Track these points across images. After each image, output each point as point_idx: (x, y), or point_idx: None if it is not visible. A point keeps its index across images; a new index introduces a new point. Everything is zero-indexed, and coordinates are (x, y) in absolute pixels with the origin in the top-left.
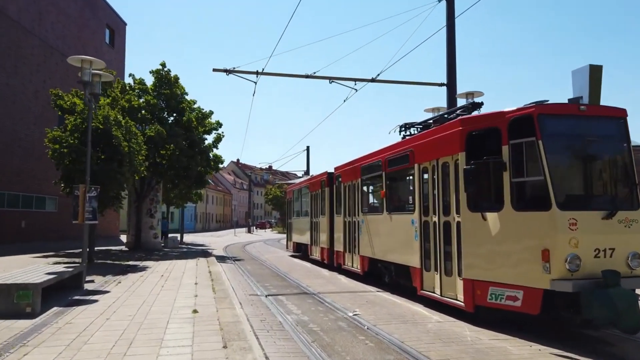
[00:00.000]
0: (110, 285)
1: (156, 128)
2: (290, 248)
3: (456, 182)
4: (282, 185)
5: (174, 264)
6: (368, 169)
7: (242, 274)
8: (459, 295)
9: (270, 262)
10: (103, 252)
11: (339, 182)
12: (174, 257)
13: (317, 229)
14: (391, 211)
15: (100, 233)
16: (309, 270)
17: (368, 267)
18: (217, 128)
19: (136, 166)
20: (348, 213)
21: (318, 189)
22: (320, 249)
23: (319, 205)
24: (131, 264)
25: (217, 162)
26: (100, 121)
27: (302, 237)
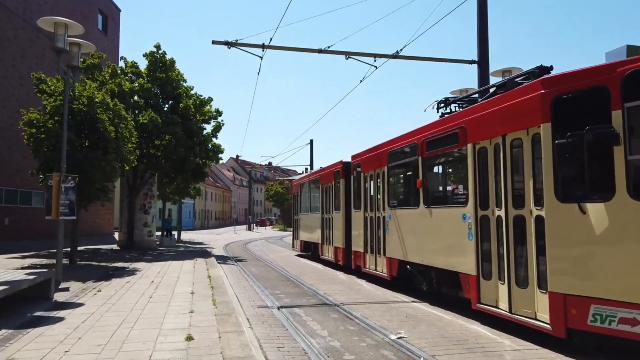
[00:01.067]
0: (86, 296)
1: (150, 115)
2: (296, 247)
3: (534, 164)
4: (283, 181)
5: (168, 266)
6: (398, 155)
7: (246, 278)
8: (540, 313)
9: (276, 263)
10: (90, 252)
11: (357, 172)
12: (169, 257)
13: (330, 226)
14: (431, 204)
15: (93, 230)
16: (322, 273)
17: (397, 271)
18: (216, 116)
19: (125, 154)
20: (370, 207)
21: (331, 181)
22: (333, 249)
23: (331, 200)
24: (119, 265)
25: (217, 153)
26: (84, 103)
27: (311, 235)
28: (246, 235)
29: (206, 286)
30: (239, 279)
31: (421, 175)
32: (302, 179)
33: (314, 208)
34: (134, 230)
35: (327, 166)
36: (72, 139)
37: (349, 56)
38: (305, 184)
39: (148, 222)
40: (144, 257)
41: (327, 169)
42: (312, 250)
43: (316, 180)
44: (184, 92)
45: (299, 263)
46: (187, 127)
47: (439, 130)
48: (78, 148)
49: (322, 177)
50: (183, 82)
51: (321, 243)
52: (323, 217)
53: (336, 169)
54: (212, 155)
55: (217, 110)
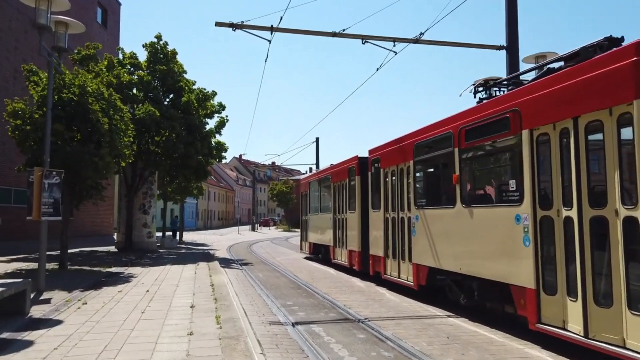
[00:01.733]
0: (68, 310)
1: (147, 108)
2: (305, 249)
3: (620, 152)
4: (287, 180)
5: (167, 271)
6: (427, 147)
7: (253, 285)
8: (631, 340)
9: (284, 267)
10: (85, 255)
11: (376, 168)
12: (169, 260)
13: (343, 227)
14: (471, 203)
15: (92, 231)
16: (336, 279)
17: (426, 280)
18: (219, 111)
19: (120, 149)
20: (392, 207)
21: (344, 178)
22: (347, 252)
23: (345, 199)
24: (114, 270)
25: (220, 150)
26: (75, 92)
27: (321, 237)
28: (250, 236)
29: (208, 297)
30: (245, 286)
31: (458, 170)
32: (311, 177)
33: (325, 208)
34: (132, 231)
35: (339, 162)
36: (61, 131)
37: (365, 40)
38: (315, 182)
39: (148, 222)
40: (142, 261)
41: (339, 165)
42: (323, 254)
43: (327, 178)
44: (185, 86)
45: (308, 267)
46: (188, 122)
47: (482, 116)
48: (68, 141)
49: (334, 175)
50: (184, 74)
51: (333, 246)
52: (335, 218)
53: (350, 165)
54: (215, 153)
55: (221, 104)
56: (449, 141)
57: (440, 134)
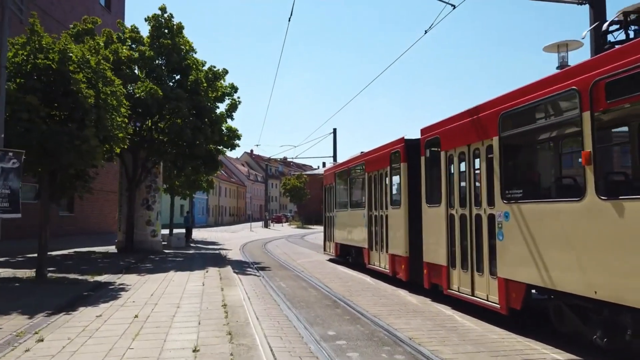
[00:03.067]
0: (12, 353)
1: (147, 86)
2: (329, 250)
3: None
4: (300, 175)
5: (168, 280)
6: (527, 115)
7: (277, 302)
8: None
9: (309, 273)
10: (77, 257)
11: (433, 151)
12: (174, 265)
13: (382, 226)
14: (619, 194)
15: (96, 228)
16: (379, 291)
17: (523, 302)
18: (231, 93)
19: (110, 130)
20: (460, 201)
21: (384, 166)
22: (388, 258)
23: (384, 191)
24: (103, 280)
25: (232, 137)
26: (54, 59)
27: (351, 238)
28: (263, 234)
29: (220, 328)
30: (266, 303)
31: (590, 144)
32: (338, 167)
33: (356, 203)
34: (133, 230)
35: (375, 148)
36: (36, 105)
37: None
38: (343, 173)
39: (152, 219)
40: (142, 265)
41: (376, 151)
42: (354, 257)
43: (359, 167)
44: (193, 64)
45: (338, 273)
46: (195, 104)
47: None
48: (44, 119)
49: (368, 163)
50: (193, 53)
51: (368, 248)
52: (371, 215)
53: (393, 150)
54: (226, 141)
55: (232, 85)
56: (571, 102)
57: (553, 95)
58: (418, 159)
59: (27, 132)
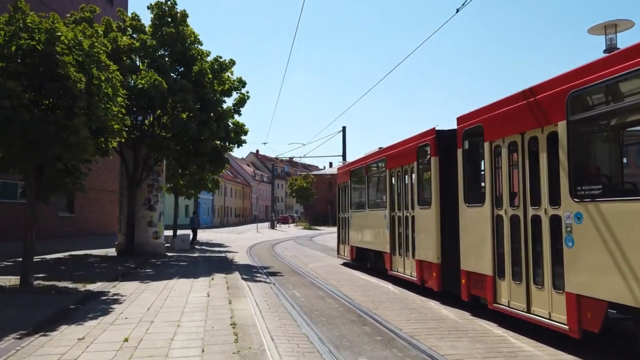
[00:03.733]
0: None
1: (151, 77)
2: (344, 254)
3: None
4: (307, 175)
5: (169, 290)
6: (606, 93)
7: (292, 317)
8: None
9: (324, 280)
10: (72, 262)
11: (473, 142)
12: (177, 270)
13: (407, 228)
14: None
15: (99, 229)
16: (407, 303)
17: (602, 324)
18: (239, 87)
19: (104, 120)
20: (510, 200)
21: (410, 161)
22: (415, 264)
23: (411, 189)
24: (95, 289)
25: (240, 133)
26: (40, 40)
27: (370, 241)
28: (270, 235)
29: (229, 356)
30: (281, 319)
31: None
32: (354, 164)
33: (375, 202)
34: (134, 231)
35: (398, 142)
36: (18, 91)
37: None
38: (359, 171)
39: (154, 220)
40: (142, 271)
41: (400, 145)
42: (373, 261)
43: (379, 163)
44: (198, 54)
45: (356, 280)
46: (200, 97)
47: None
48: (27, 107)
49: (390, 159)
50: (198, 45)
51: (390, 253)
52: (393, 216)
53: (421, 143)
54: (233, 137)
55: (240, 79)
56: None
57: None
58: (452, 152)
59: (8, 122)
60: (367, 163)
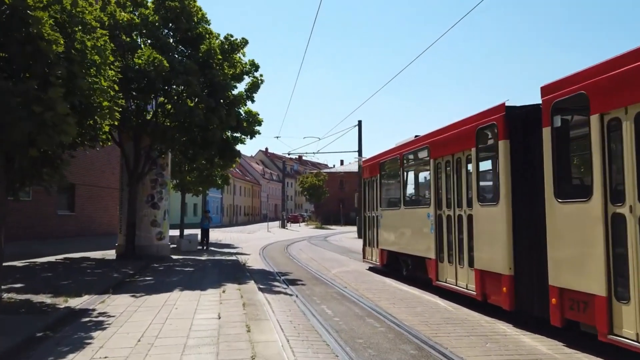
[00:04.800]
0: None
1: (150, 55)
2: (371, 257)
3: None
4: (319, 172)
5: (170, 307)
6: None
7: (332, 349)
8: None
9: (355, 291)
10: (64, 266)
11: (565, 119)
12: (181, 278)
13: (461, 229)
14: None
15: (100, 230)
16: (472, 326)
17: None
18: (251, 71)
19: (89, 95)
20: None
21: (465, 148)
22: (475, 275)
23: (465, 183)
24: (78, 307)
25: (253, 123)
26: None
27: (406, 244)
28: (282, 235)
29: None
30: (317, 353)
31: None
32: (385, 154)
33: (414, 199)
34: (135, 232)
35: (447, 126)
36: None
37: None
38: (392, 162)
39: (158, 220)
40: (140, 278)
41: (450, 129)
42: (410, 268)
43: (420, 152)
44: (205, 33)
45: (394, 291)
46: (208, 80)
47: None
48: None
49: (436, 146)
50: (206, 24)
51: (436, 259)
52: (440, 215)
53: (483, 124)
54: (245, 126)
55: (253, 62)
56: None
57: None
58: (531, 133)
59: None
60: (402, 153)
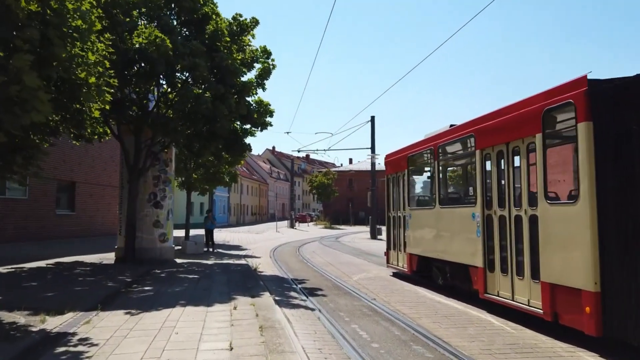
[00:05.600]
0: None
1: (151, 33)
2: (397, 263)
3: None
4: (328, 171)
5: (169, 331)
6: None
7: None
8: None
9: (386, 303)
10: (52, 273)
11: None
12: (184, 289)
13: (519, 233)
14: None
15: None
16: (548, 357)
17: None
18: (261, 57)
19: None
20: None
21: (527, 134)
22: (543, 289)
23: (527, 177)
24: (55, 330)
25: (263, 114)
26: None
27: (442, 249)
28: (291, 235)
29: None
30: None
31: None
32: (414, 147)
33: (453, 197)
34: (135, 233)
35: (500, 109)
36: None
37: None
38: (424, 155)
39: (161, 220)
40: (137, 288)
41: (504, 112)
42: (449, 277)
43: (462, 142)
44: (212, 13)
45: (434, 306)
46: (216, 64)
47: None
48: None
49: (484, 134)
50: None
51: (484, 267)
52: (490, 215)
53: (554, 103)
54: (256, 117)
55: (264, 48)
56: None
57: None
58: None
59: None
60: (437, 144)
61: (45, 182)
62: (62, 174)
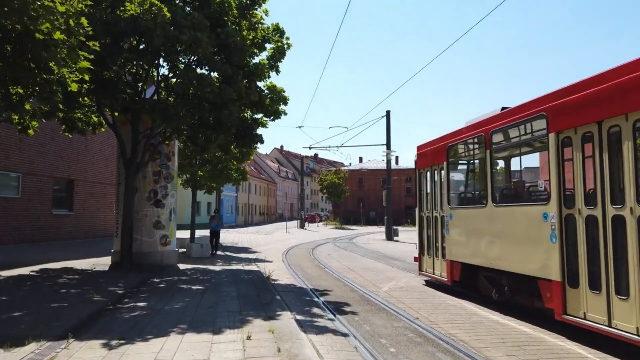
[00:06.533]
0: None
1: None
2: (434, 271)
3: None
4: (338, 169)
5: None
6: None
7: None
8: None
9: (434, 324)
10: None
11: None
12: (185, 305)
13: (616, 243)
14: None
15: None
16: None
17: None
18: (273, 36)
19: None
20: None
21: (631, 110)
22: None
23: (630, 169)
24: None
25: (277, 102)
26: None
27: (499, 257)
28: (302, 236)
29: None
30: None
31: None
32: (454, 135)
33: (512, 194)
34: (133, 235)
35: (580, 82)
36: None
37: None
38: (470, 144)
39: (162, 220)
40: (129, 304)
41: (587, 84)
42: (507, 290)
43: (526, 125)
44: None
45: (496, 329)
46: (222, 41)
47: None
48: None
49: (559, 114)
50: None
51: (564, 282)
52: (569, 217)
53: None
54: (268, 104)
55: (277, 26)
56: None
57: None
58: None
59: None
60: (490, 129)
61: (39, 180)
62: (58, 171)
